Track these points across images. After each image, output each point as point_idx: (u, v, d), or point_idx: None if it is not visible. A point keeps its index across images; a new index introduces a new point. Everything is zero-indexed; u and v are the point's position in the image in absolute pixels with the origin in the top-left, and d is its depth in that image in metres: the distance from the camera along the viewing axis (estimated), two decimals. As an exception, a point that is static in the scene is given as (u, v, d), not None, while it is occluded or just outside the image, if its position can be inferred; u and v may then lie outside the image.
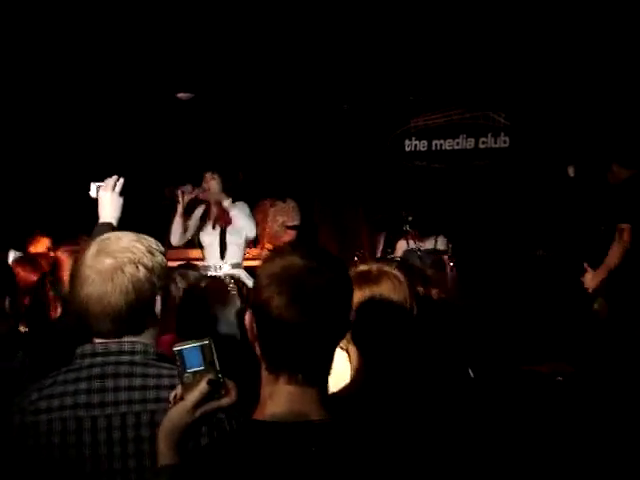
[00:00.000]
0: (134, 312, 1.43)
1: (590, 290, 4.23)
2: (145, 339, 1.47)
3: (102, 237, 1.48)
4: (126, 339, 1.45)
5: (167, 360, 1.47)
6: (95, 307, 1.41)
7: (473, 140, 6.79)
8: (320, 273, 1.14)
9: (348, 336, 1.67)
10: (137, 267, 1.43)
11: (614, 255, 4.12)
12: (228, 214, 4.40)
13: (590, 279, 4.21)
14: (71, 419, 1.39)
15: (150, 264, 1.45)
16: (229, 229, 4.40)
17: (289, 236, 6.30)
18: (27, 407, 1.40)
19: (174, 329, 2.22)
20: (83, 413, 1.39)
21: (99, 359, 1.43)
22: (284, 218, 6.18)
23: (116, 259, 1.42)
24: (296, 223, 6.15)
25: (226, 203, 4.43)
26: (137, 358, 1.44)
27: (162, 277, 1.49)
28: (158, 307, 1.49)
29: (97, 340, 1.46)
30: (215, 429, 1.34)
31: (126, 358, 1.43)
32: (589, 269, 4.30)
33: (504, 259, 4.23)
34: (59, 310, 2.47)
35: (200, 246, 4.60)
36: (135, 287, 1.42)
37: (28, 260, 2.52)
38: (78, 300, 1.42)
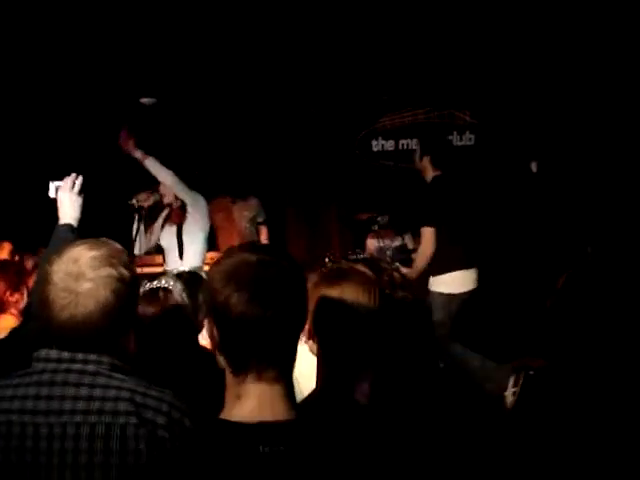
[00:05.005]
0: (113, 328, 1.43)
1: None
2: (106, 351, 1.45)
3: (68, 254, 1.43)
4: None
5: (121, 370, 1.44)
6: (77, 327, 1.39)
7: (439, 138, 6.85)
8: (273, 265, 1.15)
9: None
10: (119, 282, 1.42)
11: (420, 259, 4.23)
12: (180, 211, 4.34)
13: None
14: (16, 424, 1.37)
15: (128, 274, 1.45)
16: (185, 229, 4.36)
17: (264, 233, 6.22)
18: None
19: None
20: (28, 419, 1.37)
21: (51, 365, 1.41)
22: (252, 213, 6.11)
23: (94, 281, 1.40)
24: (265, 218, 6.14)
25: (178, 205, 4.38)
26: (89, 367, 1.41)
27: (136, 288, 1.51)
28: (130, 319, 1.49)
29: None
30: (156, 449, 1.33)
31: (77, 366, 1.41)
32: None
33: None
34: None
35: (162, 251, 4.57)
36: (118, 302, 1.42)
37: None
38: (57, 322, 1.40)
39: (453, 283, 4.29)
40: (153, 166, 4.21)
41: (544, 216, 4.74)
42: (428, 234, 4.17)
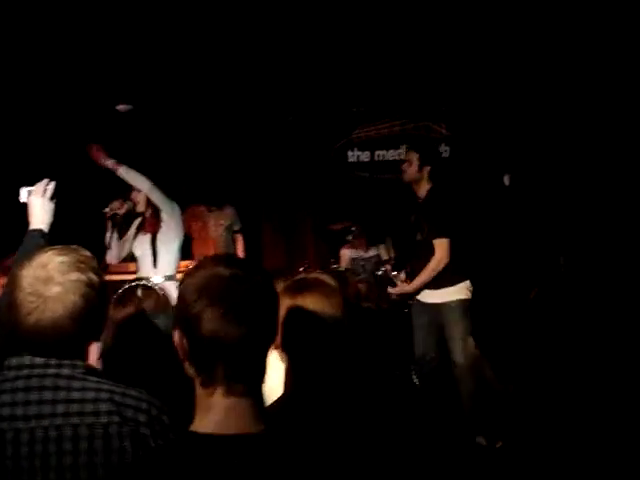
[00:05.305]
0: (81, 333, 1.44)
1: (393, 297, 4.31)
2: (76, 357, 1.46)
3: (37, 259, 1.44)
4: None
5: (95, 374, 1.45)
6: (45, 332, 1.39)
7: (414, 150, 6.89)
8: (246, 280, 1.14)
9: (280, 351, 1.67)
10: (87, 287, 1.43)
11: (430, 269, 4.16)
12: (153, 219, 4.30)
13: (401, 288, 4.27)
14: None
15: (97, 280, 1.46)
16: (160, 238, 4.32)
17: (240, 242, 6.21)
18: None
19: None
20: (5, 426, 1.37)
21: (25, 371, 1.41)
22: (228, 222, 6.09)
23: (63, 285, 1.40)
24: (241, 227, 6.13)
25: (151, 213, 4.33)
26: (64, 371, 1.42)
27: (105, 294, 1.51)
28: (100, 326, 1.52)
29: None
30: (140, 447, 1.35)
31: (52, 371, 1.41)
32: (401, 277, 4.36)
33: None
34: None
35: (135, 259, 4.52)
36: (87, 307, 1.42)
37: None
38: (24, 327, 1.40)
39: (469, 290, 4.29)
40: (127, 174, 4.17)
41: (517, 228, 4.81)
42: (444, 245, 4.13)
